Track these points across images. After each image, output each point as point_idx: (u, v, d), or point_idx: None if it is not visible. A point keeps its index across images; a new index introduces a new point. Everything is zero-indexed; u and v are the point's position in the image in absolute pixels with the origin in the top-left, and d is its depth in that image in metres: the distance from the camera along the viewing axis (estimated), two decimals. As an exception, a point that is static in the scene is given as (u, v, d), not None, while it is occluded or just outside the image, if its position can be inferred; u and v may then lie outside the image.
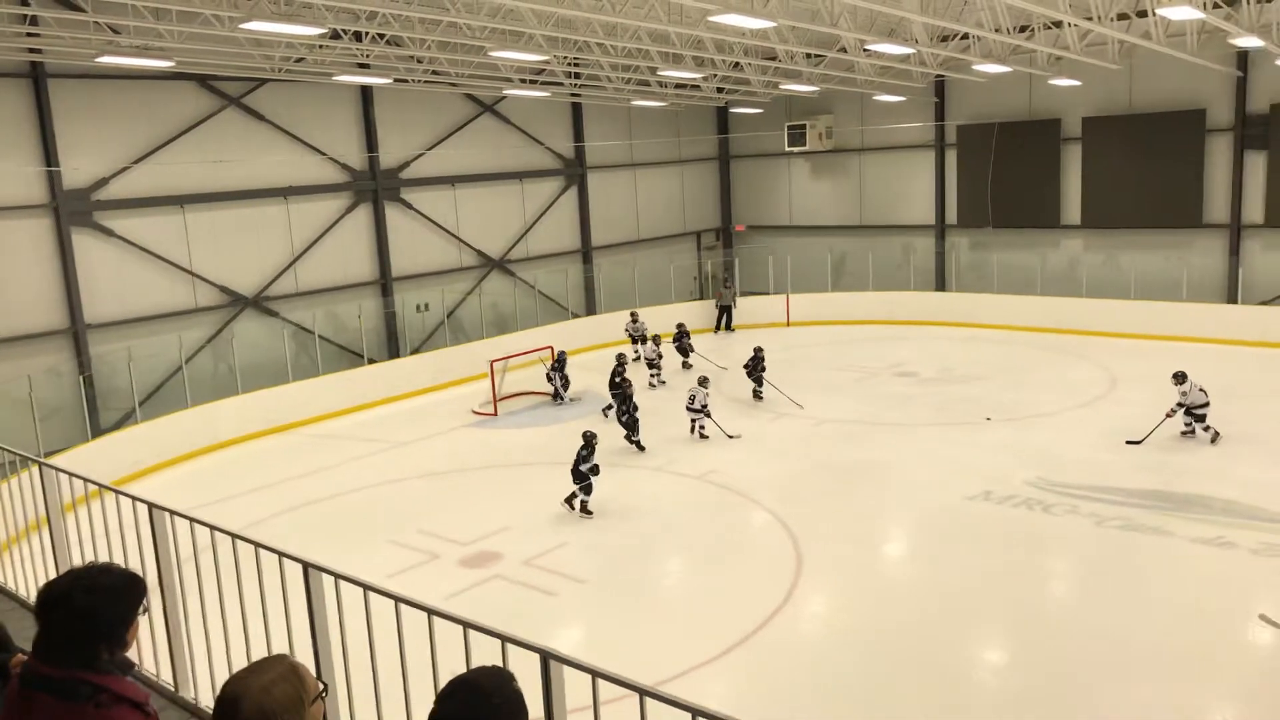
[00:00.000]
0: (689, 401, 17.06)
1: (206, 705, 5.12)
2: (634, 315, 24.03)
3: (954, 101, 27.42)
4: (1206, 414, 15.08)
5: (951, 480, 14.23)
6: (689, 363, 22.54)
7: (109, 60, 16.03)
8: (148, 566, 4.96)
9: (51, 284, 18.13)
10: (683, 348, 22.72)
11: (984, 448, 15.70)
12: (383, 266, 23.36)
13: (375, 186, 23.05)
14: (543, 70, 22.25)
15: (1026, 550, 11.86)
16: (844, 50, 19.14)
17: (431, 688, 2.37)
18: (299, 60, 18.42)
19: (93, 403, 17.87)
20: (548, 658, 3.43)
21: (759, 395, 19.33)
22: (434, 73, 20.79)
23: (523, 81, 22.57)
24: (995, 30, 16.38)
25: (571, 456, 13.60)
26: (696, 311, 26.93)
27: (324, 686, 2.41)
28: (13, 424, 14.94)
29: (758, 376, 19.33)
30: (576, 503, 13.58)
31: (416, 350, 23.67)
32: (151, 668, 5.26)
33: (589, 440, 13.64)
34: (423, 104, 23.68)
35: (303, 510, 14.63)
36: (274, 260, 21.47)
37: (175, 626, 5.20)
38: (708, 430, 16.88)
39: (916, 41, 17.73)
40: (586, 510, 13.55)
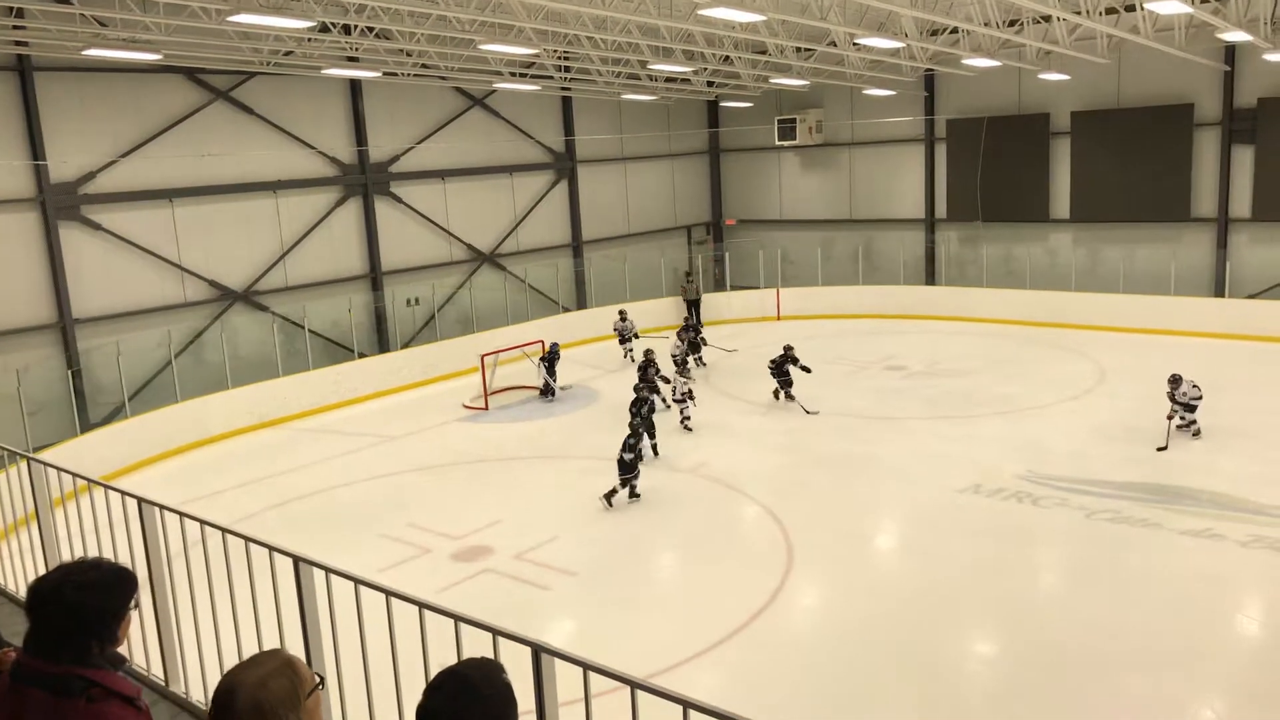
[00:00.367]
0: (672, 392, 17.11)
1: (197, 700, 5.12)
2: (622, 314, 23.55)
3: (943, 96, 27.47)
4: (1197, 409, 15.13)
5: (941, 473, 14.28)
6: (702, 358, 21.91)
7: (96, 53, 15.92)
8: (137, 561, 4.94)
9: (39, 278, 18.02)
10: (694, 343, 21.89)
11: (974, 441, 15.76)
12: (373, 260, 23.29)
13: (365, 180, 22.97)
14: (533, 64, 22.19)
15: (1016, 543, 11.91)
16: (834, 44, 19.16)
17: (423, 681, 2.37)
18: (288, 53, 18.33)
19: (81, 397, 17.78)
20: (539, 650, 3.43)
21: (788, 396, 18.10)
22: (423, 66, 20.72)
23: (512, 75, 22.51)
24: (984, 24, 16.40)
25: (562, 450, 13.62)
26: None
27: (320, 679, 2.41)
28: (1, 419, 14.86)
29: (785, 376, 18.16)
30: (615, 499, 13.50)
31: (407, 344, 23.61)
32: (142, 663, 5.25)
33: (635, 430, 13.79)
34: (412, 97, 23.60)
35: (293, 505, 14.60)
36: (263, 254, 21.38)
37: (165, 621, 5.18)
38: (692, 424, 16.90)
39: (906, 35, 17.74)
40: (635, 494, 13.65)
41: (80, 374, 17.94)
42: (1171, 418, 15.11)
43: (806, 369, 18.24)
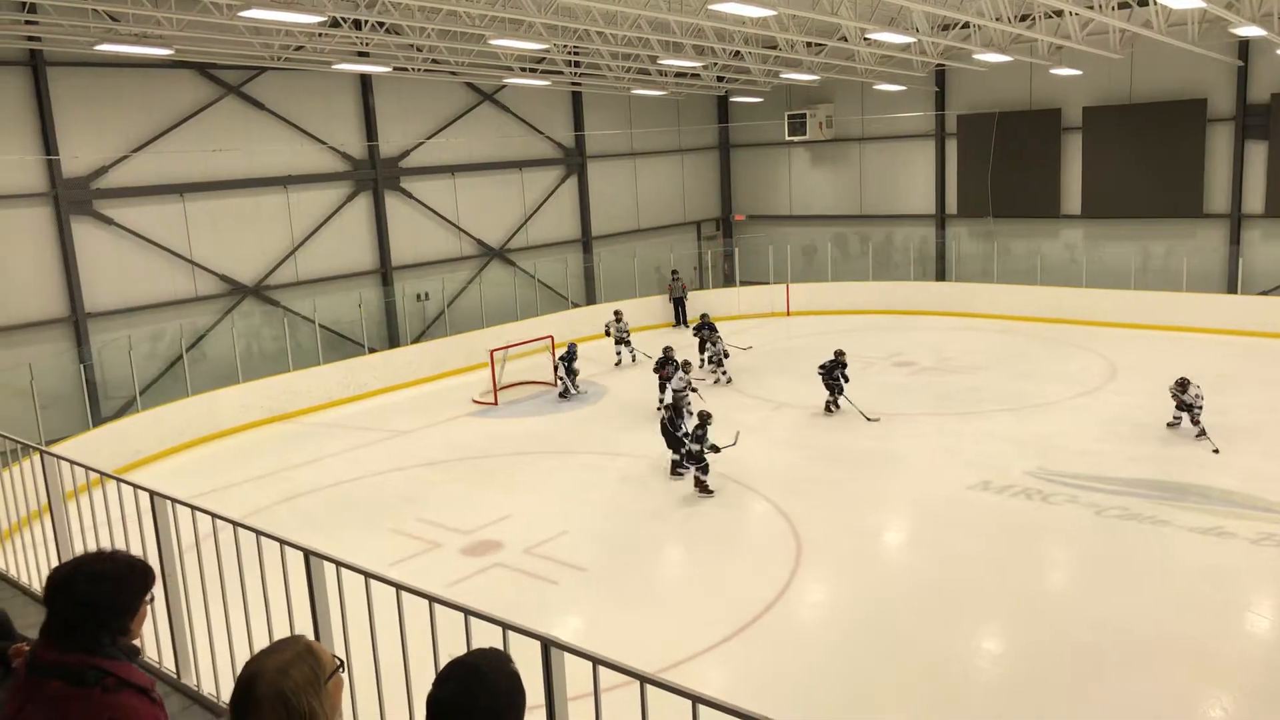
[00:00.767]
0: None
1: (209, 692, 5.15)
2: (618, 314, 22.76)
3: (954, 91, 27.36)
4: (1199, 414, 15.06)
5: (950, 470, 14.26)
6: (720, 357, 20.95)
7: (108, 48, 15.99)
8: (149, 555, 4.97)
9: (52, 272, 18.12)
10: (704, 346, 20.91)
11: (983, 437, 15.72)
12: (383, 255, 23.34)
13: (375, 175, 23.01)
14: (543, 59, 22.19)
15: (1025, 540, 11.89)
16: (844, 39, 19.10)
17: (433, 673, 2.38)
18: (298, 48, 18.36)
19: (94, 391, 17.88)
20: (549, 645, 3.45)
21: (834, 406, 17.27)
22: (434, 61, 20.74)
23: (523, 70, 22.51)
24: (996, 19, 16.33)
25: (571, 446, 13.63)
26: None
27: (340, 662, 2.42)
28: (14, 412, 14.96)
29: (836, 384, 17.17)
30: (700, 487, 13.65)
31: (417, 339, 23.67)
32: (153, 655, 5.28)
33: (705, 420, 13.75)
34: (423, 92, 23.62)
35: (304, 498, 14.66)
36: (274, 249, 21.45)
37: (177, 614, 5.22)
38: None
39: (917, 30, 17.68)
40: (707, 490, 13.63)
41: (92, 368, 18.04)
42: (1174, 425, 15.09)
43: (837, 387, 17.21)
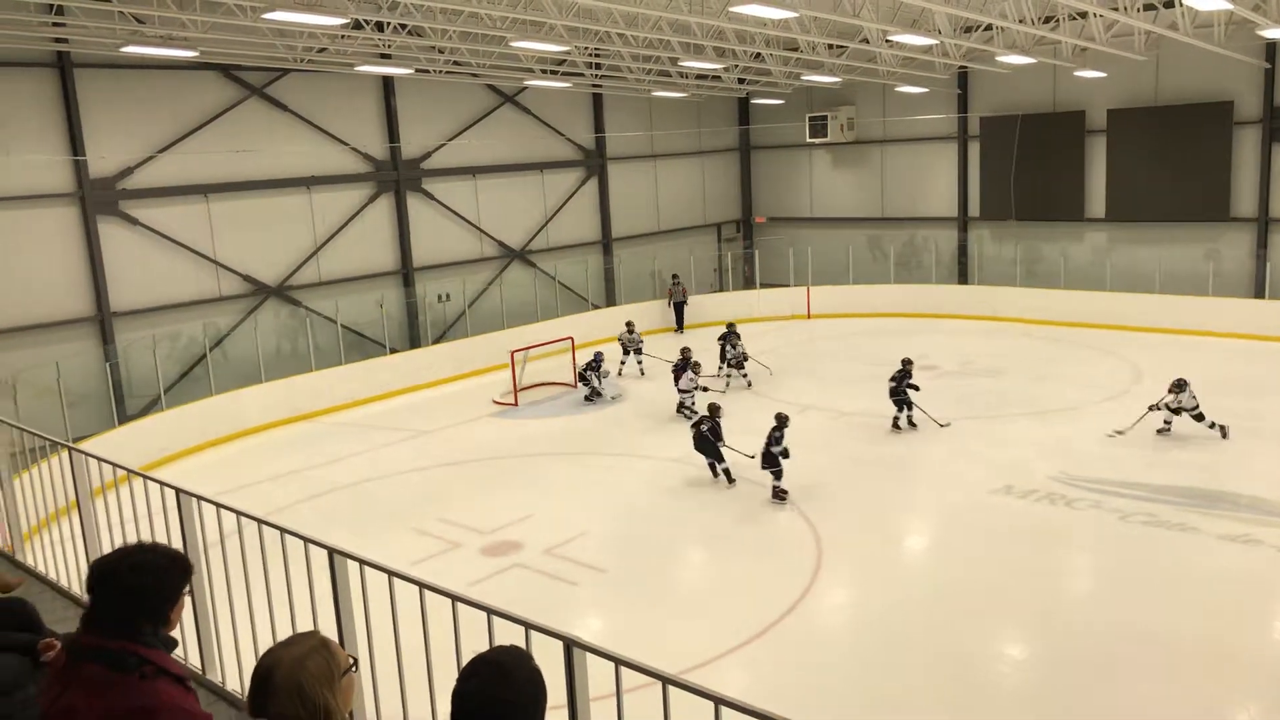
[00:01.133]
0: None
1: (233, 688, 5.18)
2: (630, 325, 22.19)
3: (977, 93, 27.21)
4: (1202, 413, 15.01)
5: (972, 474, 14.17)
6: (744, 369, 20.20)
7: (134, 50, 16.13)
8: (175, 551, 5.00)
9: (78, 272, 18.31)
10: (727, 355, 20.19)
11: (1005, 441, 15.61)
12: (404, 256, 23.45)
13: (397, 177, 23.13)
14: (564, 61, 22.23)
15: (1049, 545, 11.80)
16: (866, 41, 19.03)
17: (454, 670, 2.40)
18: (321, 50, 18.48)
19: (119, 390, 18.05)
20: (571, 645, 3.44)
21: (909, 423, 16.41)
22: (455, 63, 20.81)
23: (544, 72, 22.56)
24: (1019, 21, 16.22)
25: (590, 448, 13.62)
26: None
27: (354, 661, 2.47)
28: (42, 410, 15.12)
29: (904, 398, 16.33)
30: (779, 493, 13.46)
31: (438, 340, 23.76)
32: (178, 650, 5.32)
33: (783, 422, 13.53)
34: (444, 94, 23.72)
35: (325, 497, 14.75)
36: (297, 249, 21.59)
37: (202, 609, 5.25)
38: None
39: (940, 32, 17.59)
40: (779, 495, 13.44)
41: (117, 366, 18.21)
42: (1165, 431, 15.14)
43: (906, 400, 16.42)
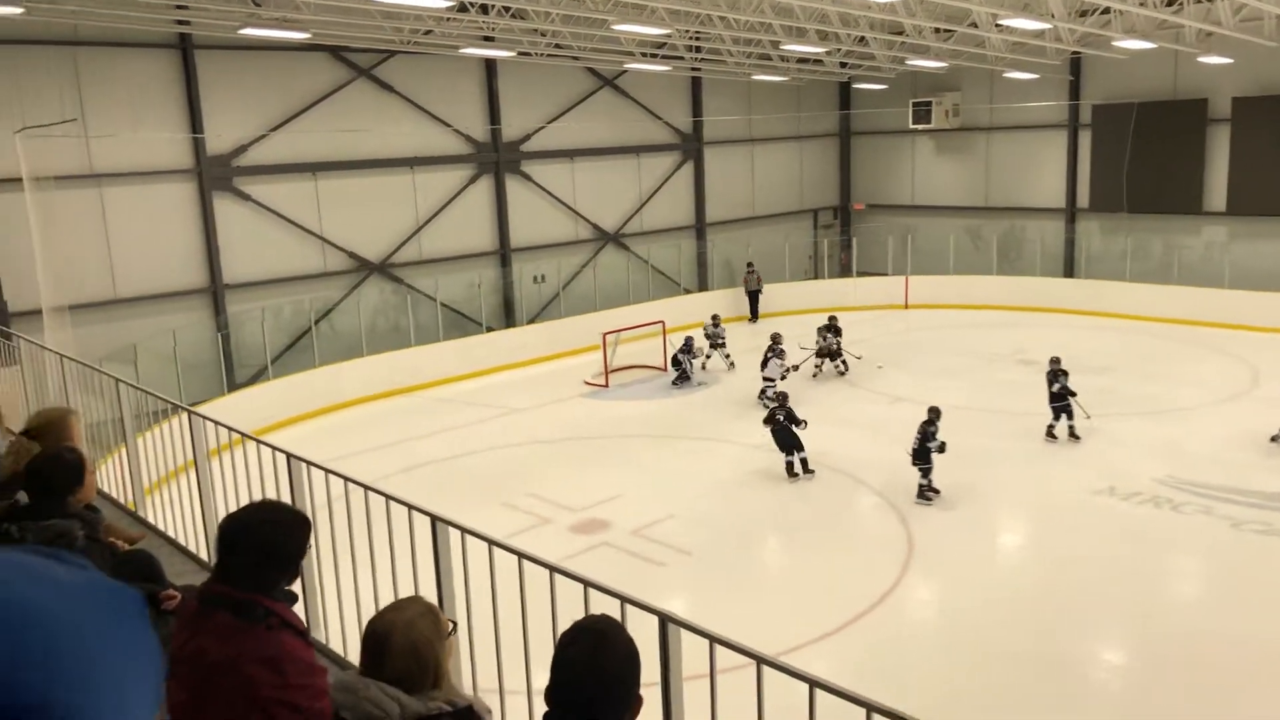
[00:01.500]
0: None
1: (335, 647, 5.38)
2: (715, 319, 21.58)
3: (1090, 80, 26.19)
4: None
5: (1073, 472, 13.75)
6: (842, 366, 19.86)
7: (250, 32, 16.72)
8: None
9: (194, 245, 19.13)
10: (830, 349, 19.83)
11: (1109, 441, 15.09)
12: (502, 237, 23.81)
13: (497, 159, 23.47)
14: (664, 44, 22.19)
15: (1152, 549, 11.39)
16: (975, 25, 18.49)
17: (549, 637, 2.46)
18: (427, 33, 18.84)
19: (229, 359, 18.82)
20: (666, 620, 3.48)
21: (1070, 434, 15.22)
22: (556, 46, 20.98)
23: (644, 55, 22.57)
24: (1140, 4, 15.57)
25: (678, 431, 13.63)
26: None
27: (453, 624, 2.58)
28: (158, 376, 15.87)
29: (1064, 403, 15.12)
30: (926, 491, 12.92)
31: (532, 320, 24.10)
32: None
33: (935, 415, 13.14)
34: (544, 77, 23.93)
35: (421, 470, 15.13)
36: (399, 228, 22.12)
37: (308, 571, 5.45)
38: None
39: (1053, 16, 16.97)
40: (926, 495, 12.91)
41: (228, 336, 18.99)
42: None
43: (1066, 407, 15.30)
